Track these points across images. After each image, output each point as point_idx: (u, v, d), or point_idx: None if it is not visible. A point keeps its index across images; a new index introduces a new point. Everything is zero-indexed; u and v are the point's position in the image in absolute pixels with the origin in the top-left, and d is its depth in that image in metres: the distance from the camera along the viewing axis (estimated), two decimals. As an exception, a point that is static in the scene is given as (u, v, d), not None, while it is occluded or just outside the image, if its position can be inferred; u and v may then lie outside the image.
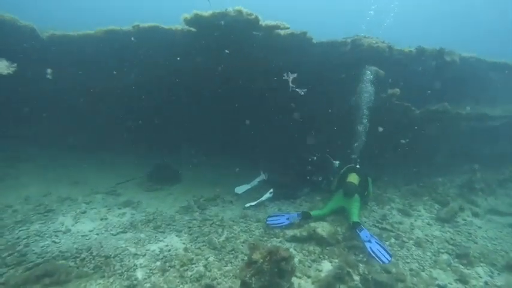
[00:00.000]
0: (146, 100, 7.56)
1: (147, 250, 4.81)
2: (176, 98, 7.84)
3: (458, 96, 8.00)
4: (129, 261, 4.50)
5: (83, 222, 5.39)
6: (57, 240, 4.77)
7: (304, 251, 5.00)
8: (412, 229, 5.88)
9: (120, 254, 4.62)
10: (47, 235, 4.89)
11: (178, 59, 6.48)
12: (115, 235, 5.15)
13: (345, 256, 4.85)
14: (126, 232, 5.28)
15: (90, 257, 4.44)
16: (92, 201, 6.19)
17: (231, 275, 4.32)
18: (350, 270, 4.49)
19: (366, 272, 4.45)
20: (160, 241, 5.11)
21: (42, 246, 4.57)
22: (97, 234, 5.10)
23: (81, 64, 6.93)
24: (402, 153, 7.79)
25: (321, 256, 4.91)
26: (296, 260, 4.71)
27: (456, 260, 5.08)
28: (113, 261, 4.43)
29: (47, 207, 5.67)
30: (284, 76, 5.56)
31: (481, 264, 5.05)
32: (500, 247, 5.57)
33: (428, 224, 6.07)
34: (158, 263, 4.51)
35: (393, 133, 7.39)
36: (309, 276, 4.42)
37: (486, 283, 4.57)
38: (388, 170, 8.11)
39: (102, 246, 4.73)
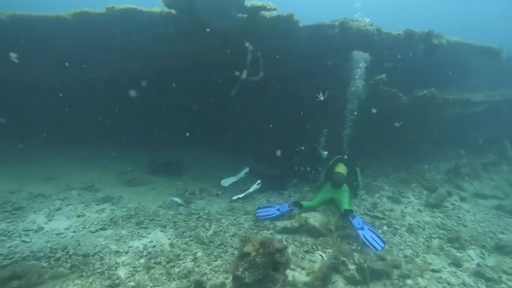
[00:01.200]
0: (125, 90, 7.10)
1: (129, 247, 4.48)
2: (156, 88, 7.41)
3: (442, 83, 8.01)
4: (110, 259, 4.16)
5: (58, 220, 4.97)
6: (27, 240, 4.34)
7: (296, 242, 4.80)
8: (403, 216, 5.82)
9: (99, 252, 4.27)
10: (15, 235, 4.44)
11: (157, 44, 6.08)
12: (94, 232, 4.77)
13: (338, 246, 4.70)
14: (105, 229, 4.91)
15: (67, 256, 4.06)
16: (68, 197, 5.74)
17: (222, 269, 4.07)
18: (345, 259, 4.33)
19: (362, 261, 4.30)
20: (144, 237, 4.79)
21: (9, 247, 4.13)
22: (74, 232, 4.70)
23: (50, 51, 6.37)
24: (389, 141, 7.73)
25: (314, 247, 4.73)
26: (288, 251, 4.51)
27: (448, 244, 5.06)
28: (92, 260, 4.07)
29: (14, 205, 5.17)
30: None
31: (472, 246, 5.06)
32: (488, 229, 5.63)
33: (418, 210, 6.03)
34: (142, 260, 4.20)
35: (381, 121, 7.29)
36: (303, 268, 4.23)
37: (478, 265, 4.56)
38: (375, 158, 8.05)
39: (79, 245, 4.35)
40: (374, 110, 6.11)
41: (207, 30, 5.64)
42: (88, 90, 7.27)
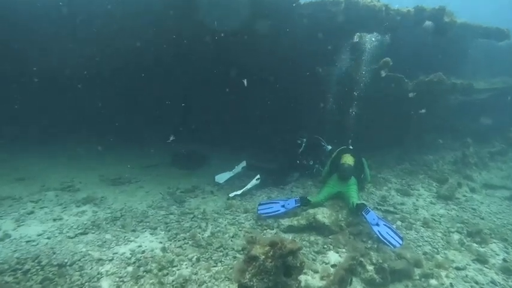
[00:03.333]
0: (106, 79, 6.43)
1: (114, 254, 3.88)
2: (141, 74, 6.72)
3: (443, 70, 7.67)
4: (91, 268, 3.56)
5: (29, 225, 4.30)
6: (-11, 250, 3.69)
7: (305, 242, 4.29)
8: (416, 209, 5.38)
9: (79, 260, 3.66)
10: (-26, 244, 3.78)
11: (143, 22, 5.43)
12: (72, 238, 4.14)
13: (352, 244, 4.20)
14: (86, 233, 4.29)
15: (38, 267, 3.43)
16: (42, 199, 5.07)
17: (223, 276, 3.51)
18: (362, 259, 3.84)
19: (380, 260, 3.82)
20: (131, 241, 4.19)
21: (-34, 260, 3.48)
22: (48, 238, 4.06)
23: (16, 31, 5.63)
24: (392, 131, 7.32)
25: (325, 246, 4.23)
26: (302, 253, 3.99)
27: (468, 238, 4.63)
28: (69, 271, 3.46)
29: (-25, 210, 4.49)
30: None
31: (494, 240, 4.64)
32: (506, 221, 5.27)
33: (431, 203, 5.61)
34: (130, 269, 3.61)
35: (384, 109, 6.86)
36: (315, 271, 3.71)
37: (504, 260, 4.15)
38: (377, 148, 7.61)
39: (54, 253, 3.72)
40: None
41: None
42: (69, 79, 6.53)
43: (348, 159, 5.55)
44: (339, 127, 6.70)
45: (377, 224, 4.48)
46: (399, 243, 4.19)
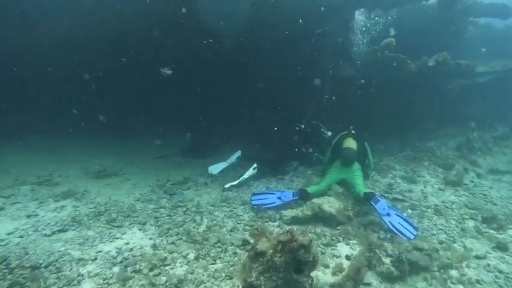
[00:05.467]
0: (84, 62, 5.84)
1: (98, 252, 3.41)
2: (120, 56, 6.12)
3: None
4: (70, 270, 3.09)
5: (-2, 223, 3.78)
6: None
7: (311, 234, 3.90)
8: (426, 196, 5.06)
9: (56, 261, 3.18)
10: None
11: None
12: (49, 236, 3.64)
13: (364, 236, 3.83)
14: (66, 231, 3.79)
15: (6, 270, 2.93)
16: (15, 194, 4.51)
17: (223, 275, 3.09)
18: (377, 251, 3.47)
19: (396, 252, 3.46)
20: (118, 238, 3.73)
21: None
22: (20, 237, 3.54)
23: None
24: (392, 117, 7.01)
25: (334, 238, 3.85)
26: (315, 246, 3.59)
27: (484, 225, 4.33)
28: (44, 273, 2.99)
29: None
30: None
31: (510, 226, 4.35)
32: (519, 206, 4.98)
33: (440, 189, 5.31)
34: (116, 269, 3.15)
35: (385, 93, 6.53)
36: (326, 266, 3.33)
37: (526, 247, 3.86)
38: (377, 135, 7.28)
39: (27, 253, 3.23)
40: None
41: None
42: (40, 61, 5.90)
43: (351, 143, 5.21)
44: (337, 112, 6.34)
45: (388, 214, 4.12)
46: (414, 235, 3.84)
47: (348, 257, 3.45)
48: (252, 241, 2.76)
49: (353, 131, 5.77)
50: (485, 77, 7.70)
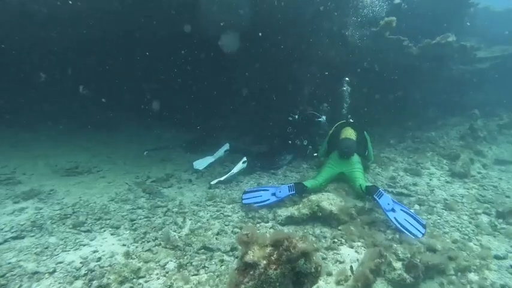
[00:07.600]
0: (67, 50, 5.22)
1: (58, 263, 2.86)
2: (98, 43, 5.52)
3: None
4: (19, 287, 2.52)
5: None
6: None
7: (309, 237, 3.40)
8: (432, 190, 4.62)
9: (2, 276, 2.61)
10: None
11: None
12: (1, 244, 3.06)
13: (370, 236, 3.36)
14: (22, 237, 3.22)
15: None
16: (-35, 195, 3.91)
17: (208, 288, 2.57)
18: (386, 254, 3.00)
19: (408, 255, 3.00)
20: (85, 245, 3.17)
21: None
22: (-38, 248, 2.96)
23: None
24: (391, 105, 6.57)
25: (336, 240, 3.36)
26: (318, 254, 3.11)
27: (500, 220, 3.91)
28: (-14, 293, 2.42)
29: None
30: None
31: (527, 221, 3.94)
32: (532, 198, 4.58)
33: (447, 182, 4.88)
34: (78, 284, 2.61)
35: (385, 79, 6.07)
36: (329, 274, 2.84)
37: (548, 243, 3.45)
38: (375, 126, 6.84)
39: (-33, 268, 2.65)
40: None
41: None
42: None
43: (350, 133, 4.74)
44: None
45: (392, 210, 3.67)
46: (421, 233, 3.40)
47: (352, 269, 2.94)
48: (240, 248, 2.26)
49: (351, 120, 5.32)
50: (486, 63, 7.29)
